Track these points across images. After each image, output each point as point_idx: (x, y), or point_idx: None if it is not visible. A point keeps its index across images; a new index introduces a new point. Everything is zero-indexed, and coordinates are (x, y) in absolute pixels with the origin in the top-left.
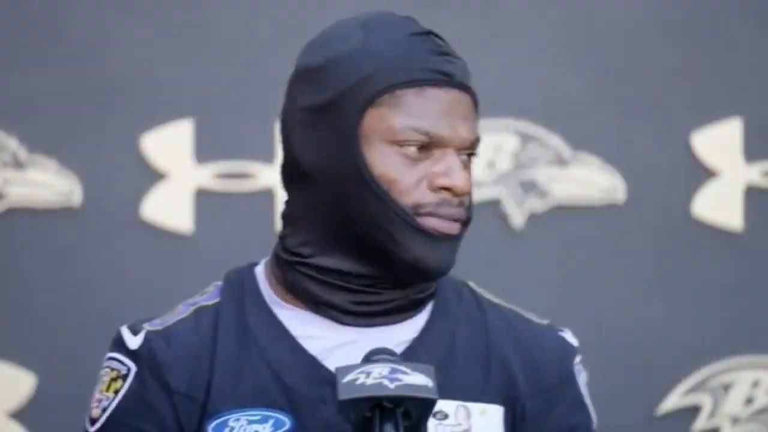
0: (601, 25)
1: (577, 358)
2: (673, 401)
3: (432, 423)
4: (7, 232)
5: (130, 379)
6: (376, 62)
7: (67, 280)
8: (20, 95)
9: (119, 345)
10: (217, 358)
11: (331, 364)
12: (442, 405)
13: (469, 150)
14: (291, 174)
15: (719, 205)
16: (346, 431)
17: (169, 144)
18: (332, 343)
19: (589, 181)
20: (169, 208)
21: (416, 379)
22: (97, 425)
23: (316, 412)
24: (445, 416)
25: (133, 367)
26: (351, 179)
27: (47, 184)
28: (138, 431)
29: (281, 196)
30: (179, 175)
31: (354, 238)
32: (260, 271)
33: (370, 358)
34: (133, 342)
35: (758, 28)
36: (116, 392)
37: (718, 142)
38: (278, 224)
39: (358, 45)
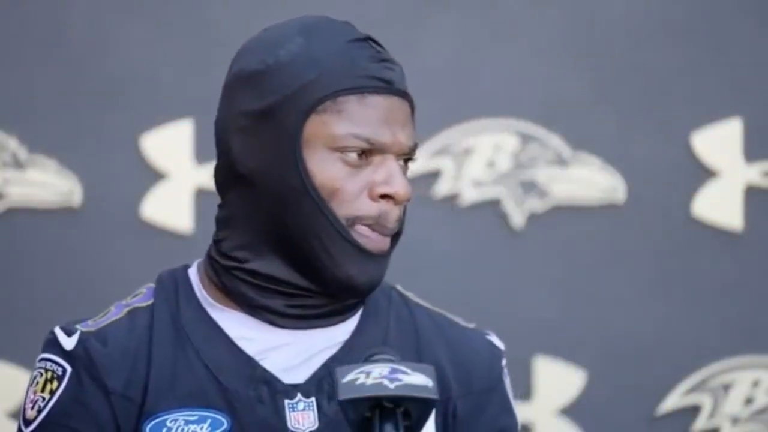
0: (601, 25)
1: (504, 361)
2: (673, 401)
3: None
4: (7, 232)
5: (65, 380)
6: (318, 68)
7: (67, 280)
8: (20, 95)
9: (53, 345)
10: (154, 358)
11: (267, 364)
12: None
13: (407, 155)
14: (227, 177)
15: (719, 205)
16: (280, 431)
17: (169, 144)
18: (267, 345)
19: (589, 181)
20: (169, 208)
21: (416, 379)
22: (33, 426)
23: (254, 412)
24: None
25: (69, 368)
26: (291, 186)
27: (47, 184)
28: (74, 431)
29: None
30: (179, 175)
31: (289, 247)
32: (194, 272)
33: (369, 358)
34: (68, 342)
35: (758, 28)
36: (52, 393)
37: (718, 142)
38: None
39: (299, 51)
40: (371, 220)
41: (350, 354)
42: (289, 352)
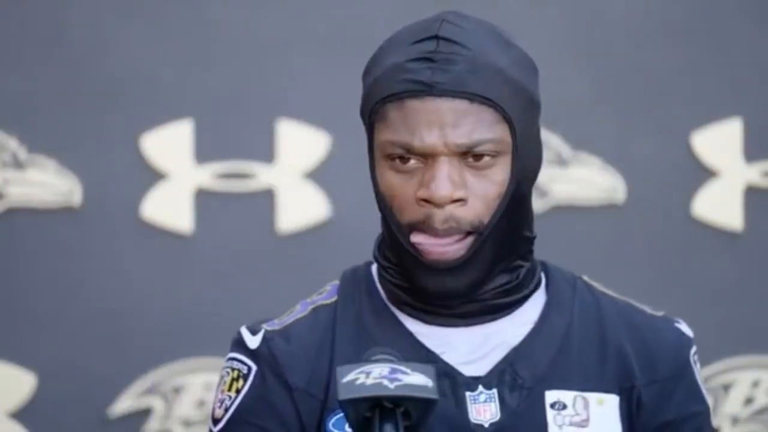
0: (601, 25)
1: (693, 349)
2: None
3: (551, 414)
4: (7, 232)
5: (251, 378)
6: (375, 75)
7: (67, 280)
8: (20, 95)
9: (239, 345)
10: (336, 354)
11: (448, 357)
12: (560, 395)
13: (467, 153)
14: None
15: (719, 205)
16: (465, 424)
17: (169, 144)
18: (445, 339)
19: (589, 181)
20: (169, 208)
21: (416, 379)
22: (221, 425)
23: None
24: (564, 406)
25: (254, 367)
26: (375, 194)
27: (47, 184)
28: (261, 429)
29: (281, 196)
30: (179, 175)
31: (397, 258)
32: (375, 269)
33: (369, 357)
34: (253, 342)
35: (758, 28)
36: (238, 391)
37: (718, 142)
38: (278, 224)
39: (375, 56)
40: (422, 224)
41: (532, 345)
42: (468, 346)
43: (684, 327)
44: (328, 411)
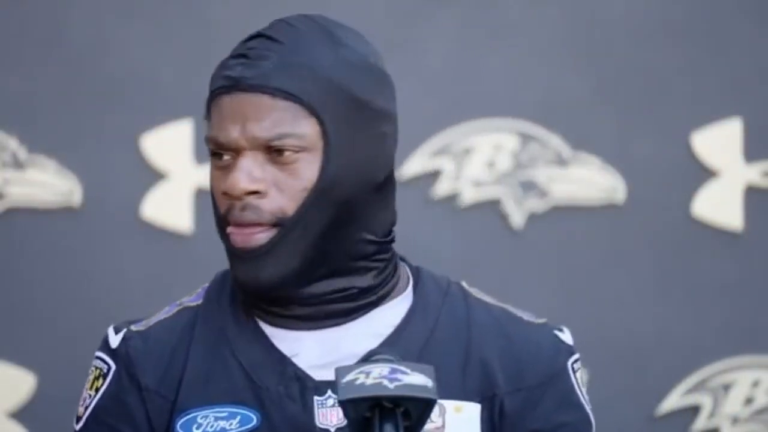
0: (601, 25)
1: (572, 357)
2: (673, 401)
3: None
4: (7, 232)
5: (109, 378)
6: (212, 74)
7: (67, 280)
8: (20, 95)
9: (104, 344)
10: (190, 356)
11: (299, 361)
12: None
13: (269, 147)
14: None
15: (719, 205)
16: (310, 428)
17: (169, 144)
18: (299, 343)
19: (589, 181)
20: (169, 208)
21: (416, 379)
22: (80, 424)
23: (284, 409)
24: None
25: (113, 366)
26: None
27: (47, 184)
28: (113, 429)
29: None
30: (179, 175)
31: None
32: None
33: (369, 358)
34: (114, 341)
35: (758, 28)
36: (97, 390)
37: (718, 142)
38: None
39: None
40: (228, 216)
41: (393, 348)
42: (322, 349)
43: (564, 335)
44: (177, 412)
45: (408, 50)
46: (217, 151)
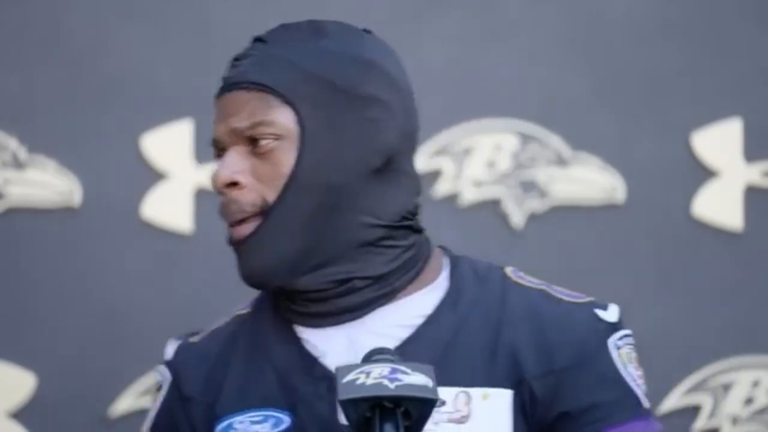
0: (601, 25)
1: (615, 335)
2: (673, 401)
3: None
4: (7, 232)
5: (164, 390)
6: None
7: (67, 280)
8: (20, 95)
9: (165, 355)
10: (232, 363)
11: (327, 361)
12: (441, 392)
13: (251, 136)
14: None
15: (719, 205)
16: (337, 427)
17: (169, 144)
18: (328, 343)
19: (589, 181)
20: (169, 208)
21: (416, 379)
22: None
23: (313, 409)
24: (443, 403)
25: (167, 377)
26: None
27: (47, 184)
28: None
29: None
30: (179, 175)
31: None
32: None
33: (370, 357)
34: (169, 352)
35: (758, 28)
36: (155, 402)
37: (718, 142)
38: None
39: None
40: (222, 212)
41: (417, 343)
42: (348, 345)
43: (605, 313)
44: (216, 418)
45: (408, 50)
46: (218, 153)
